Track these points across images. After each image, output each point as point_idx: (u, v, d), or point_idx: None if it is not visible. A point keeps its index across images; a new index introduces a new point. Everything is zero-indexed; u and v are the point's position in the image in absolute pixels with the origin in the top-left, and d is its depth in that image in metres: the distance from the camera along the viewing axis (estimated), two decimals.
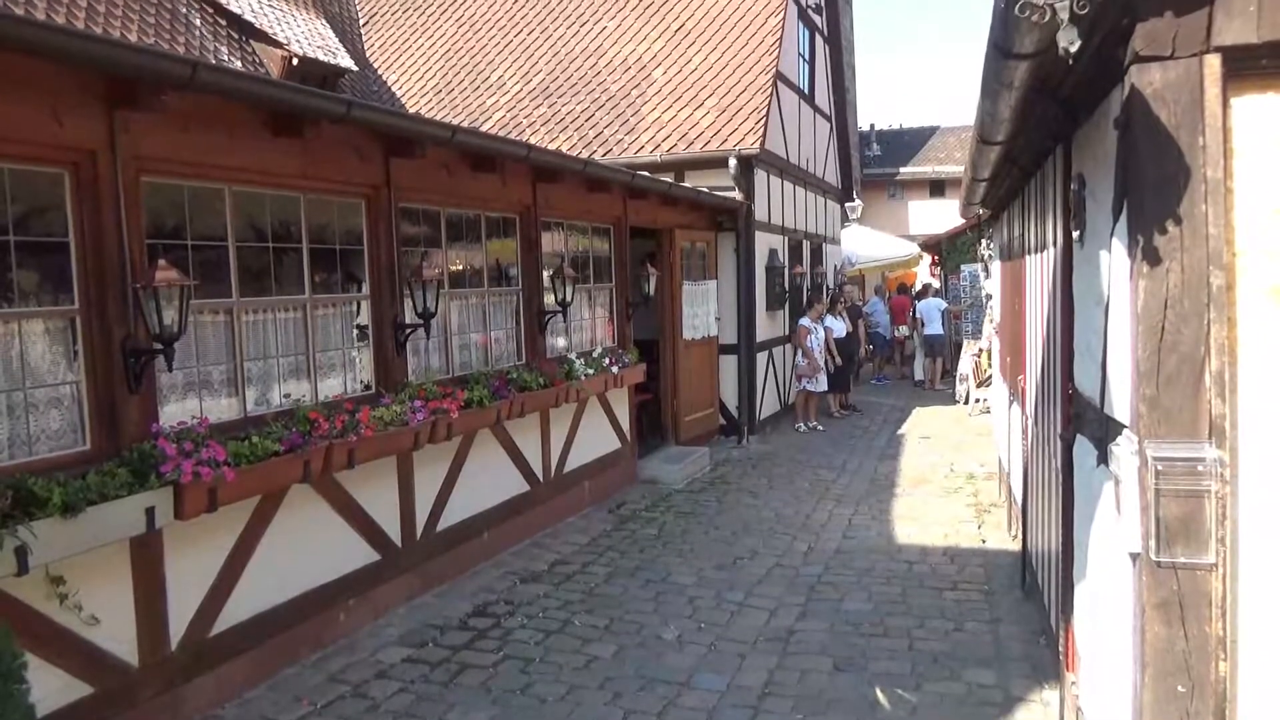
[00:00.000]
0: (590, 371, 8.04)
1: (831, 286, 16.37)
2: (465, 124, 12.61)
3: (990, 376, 11.89)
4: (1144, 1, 2.75)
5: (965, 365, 14.51)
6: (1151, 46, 2.79)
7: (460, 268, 6.93)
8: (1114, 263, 3.21)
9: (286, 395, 5.14)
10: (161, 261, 3.96)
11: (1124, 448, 2.88)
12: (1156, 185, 2.77)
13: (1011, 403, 7.07)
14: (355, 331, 5.76)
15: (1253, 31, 2.74)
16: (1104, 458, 3.32)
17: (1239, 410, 2.72)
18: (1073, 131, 4.23)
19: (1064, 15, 2.30)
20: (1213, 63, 2.77)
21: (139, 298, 3.94)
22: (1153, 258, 2.74)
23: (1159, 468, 2.65)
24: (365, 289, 5.76)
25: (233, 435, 4.43)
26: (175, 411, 4.40)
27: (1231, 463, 2.69)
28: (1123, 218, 3.00)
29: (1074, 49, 2.36)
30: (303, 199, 5.26)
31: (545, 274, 7.75)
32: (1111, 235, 3.19)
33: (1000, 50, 2.94)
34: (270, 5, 12.16)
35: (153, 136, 4.21)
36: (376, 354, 5.81)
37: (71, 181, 3.93)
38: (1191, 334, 2.71)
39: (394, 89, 13.88)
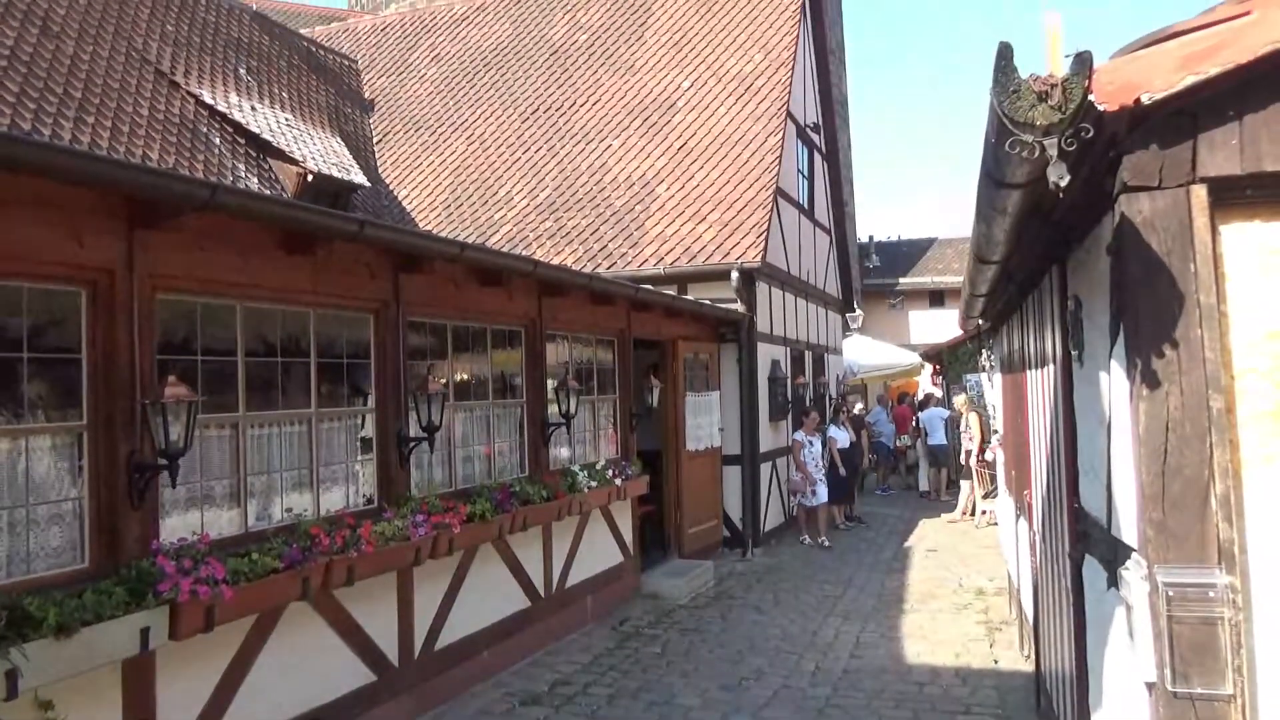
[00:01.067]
0: (594, 484, 7.99)
1: (834, 396, 16.42)
2: (473, 238, 12.92)
3: (996, 488, 11.80)
4: (1130, 136, 2.86)
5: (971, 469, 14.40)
6: (1139, 178, 2.88)
7: (466, 379, 6.99)
8: (1113, 384, 3.24)
9: (288, 509, 5.11)
10: (171, 377, 4.00)
11: (1133, 572, 2.85)
12: (1151, 310, 2.83)
13: (1018, 517, 7.00)
14: (359, 444, 5.76)
15: (1236, 164, 2.85)
16: (1114, 580, 3.28)
17: (1246, 534, 2.70)
18: (1067, 253, 4.33)
19: (1052, 151, 2.39)
20: (1199, 193, 2.87)
21: (147, 413, 3.97)
22: (1151, 381, 2.77)
23: (1170, 594, 2.61)
24: (371, 402, 5.80)
25: (233, 551, 4.39)
26: (176, 526, 4.38)
27: (1243, 588, 2.65)
28: (1120, 340, 3.04)
29: (1064, 183, 2.44)
30: (312, 314, 5.35)
31: (550, 384, 7.80)
32: (1110, 357, 3.23)
33: (992, 180, 3.05)
34: (288, 125, 12.62)
35: (169, 255, 4.32)
36: (380, 467, 5.80)
37: (88, 299, 4.01)
38: (1194, 457, 2.72)
39: (404, 204, 14.26)
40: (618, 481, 8.46)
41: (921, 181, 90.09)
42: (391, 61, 17.61)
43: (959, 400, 16.02)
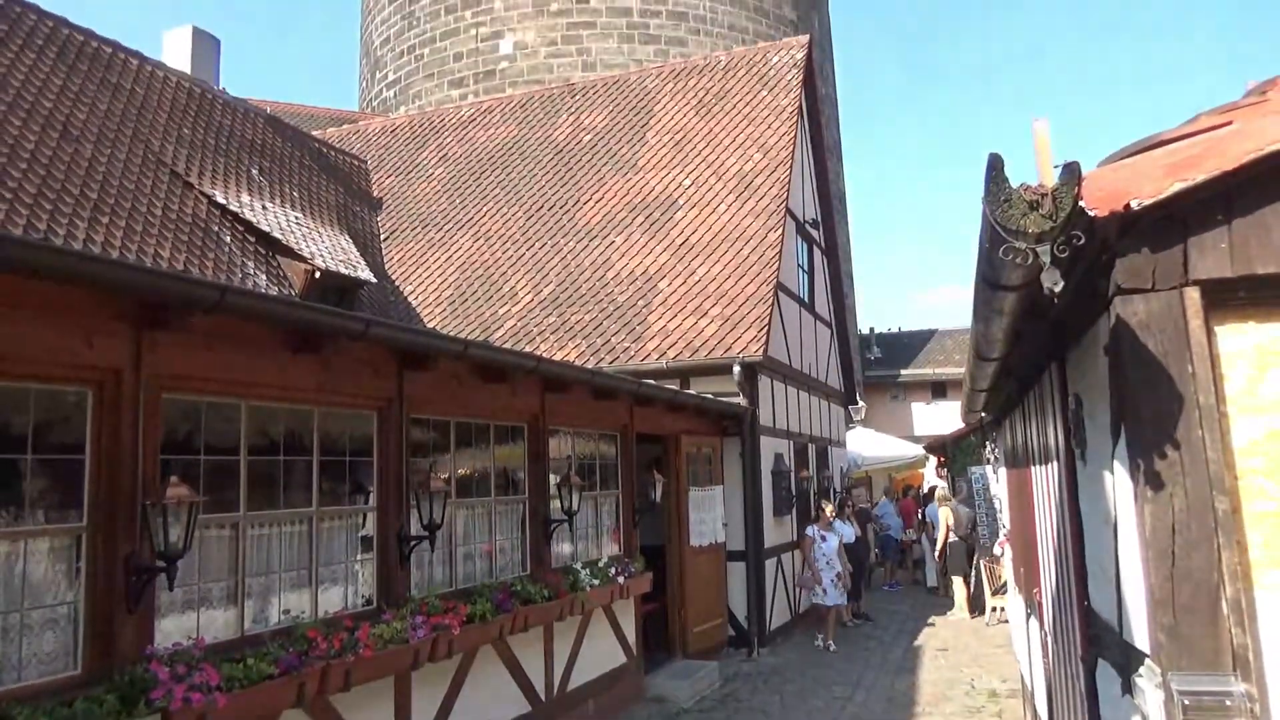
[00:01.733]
0: (596, 582, 7.88)
1: (838, 490, 16.29)
2: (478, 334, 13.03)
3: (1005, 584, 11.60)
4: (1121, 240, 2.93)
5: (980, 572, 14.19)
6: (1132, 280, 2.94)
7: (468, 474, 6.96)
8: (1118, 483, 3.23)
9: (286, 611, 5.02)
10: (173, 478, 4.00)
11: (1147, 680, 2.79)
12: (1151, 411, 2.84)
13: (1029, 615, 6.87)
14: (359, 543, 5.71)
15: (1227, 266, 2.90)
16: (1128, 687, 3.20)
17: (1260, 639, 2.66)
18: (1066, 351, 4.36)
19: (1045, 258, 2.45)
20: (1193, 295, 2.91)
21: (147, 514, 3.95)
22: (1155, 482, 2.76)
23: (1185, 702, 2.55)
24: (372, 500, 5.77)
25: (228, 655, 4.31)
26: (171, 629, 4.30)
27: (1260, 696, 2.59)
28: (1121, 440, 3.05)
29: (1058, 289, 2.49)
30: (316, 412, 5.37)
31: (552, 480, 7.76)
32: (1112, 456, 3.23)
33: (988, 283, 3.10)
34: (297, 223, 12.89)
35: (177, 355, 4.37)
36: (380, 566, 5.73)
37: (94, 400, 4.04)
38: (1203, 560, 2.69)
39: (410, 300, 14.44)
40: (620, 580, 8.33)
41: (921, 273, 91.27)
42: (400, 161, 18.09)
43: (939, 492, 15.88)
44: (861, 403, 21.37)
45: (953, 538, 14.42)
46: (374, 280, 13.25)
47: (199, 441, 4.64)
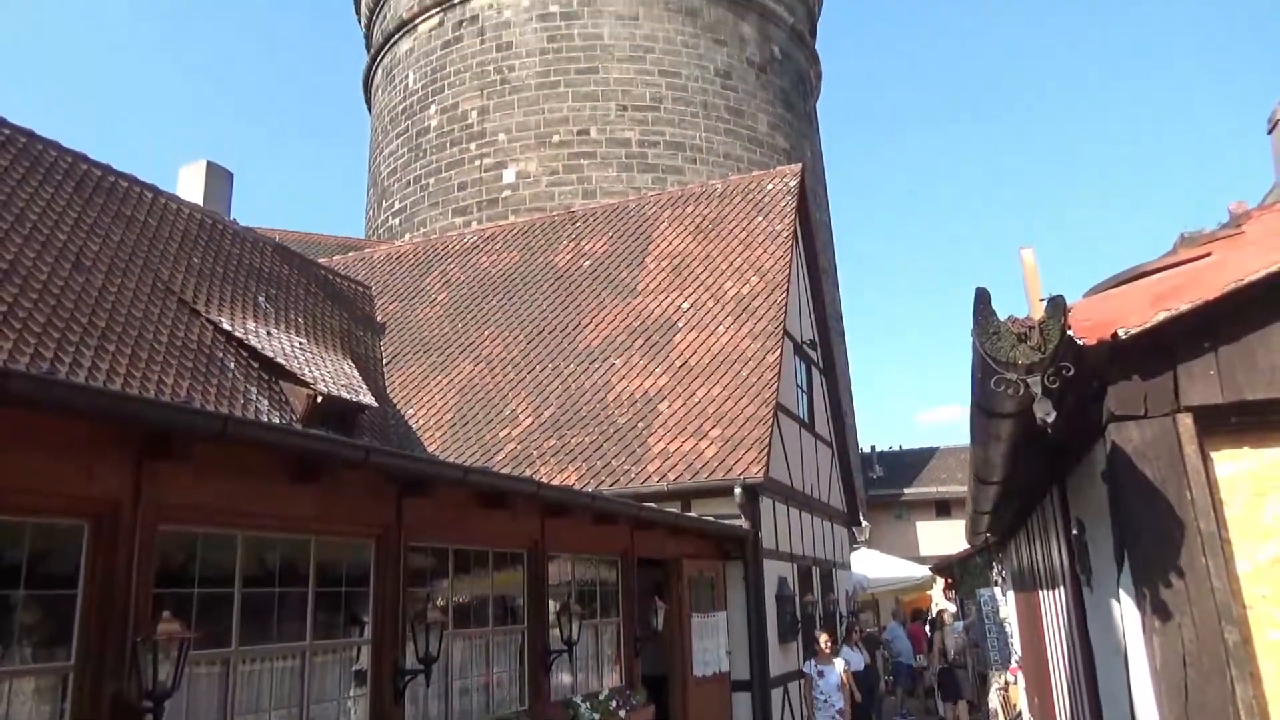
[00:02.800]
0: (597, 716, 7.62)
1: (845, 614, 15.91)
2: (478, 457, 13.01)
3: (1020, 713, 11.19)
4: (1111, 368, 2.98)
5: (993, 699, 13.71)
6: (1125, 407, 2.97)
7: (465, 603, 6.82)
8: (1125, 612, 3.18)
9: None
10: (166, 613, 3.93)
11: None
12: (1152, 539, 2.83)
13: None
14: (353, 677, 5.55)
15: (1217, 393, 2.94)
16: None
17: None
18: (1066, 474, 4.36)
19: (1037, 390, 2.49)
20: (1186, 421, 2.95)
21: (137, 651, 3.86)
22: (1162, 613, 2.73)
23: None
24: (367, 632, 5.64)
25: None
26: None
27: None
28: (1126, 567, 3.02)
29: (1050, 419, 2.53)
30: (314, 541, 5.32)
31: (552, 608, 7.60)
32: (1118, 584, 3.19)
33: (983, 410, 3.14)
34: (301, 348, 13.05)
35: (176, 485, 4.36)
36: (374, 703, 5.56)
37: (91, 533, 4.01)
38: (1216, 694, 2.63)
39: (411, 423, 14.47)
40: (622, 713, 8.07)
41: (921, 392, 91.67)
42: (404, 287, 18.44)
43: (946, 616, 15.50)
44: (865, 523, 21.12)
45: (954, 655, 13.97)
46: (375, 404, 13.31)
47: (193, 572, 4.58)
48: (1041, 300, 2.72)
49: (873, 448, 33.02)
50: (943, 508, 30.34)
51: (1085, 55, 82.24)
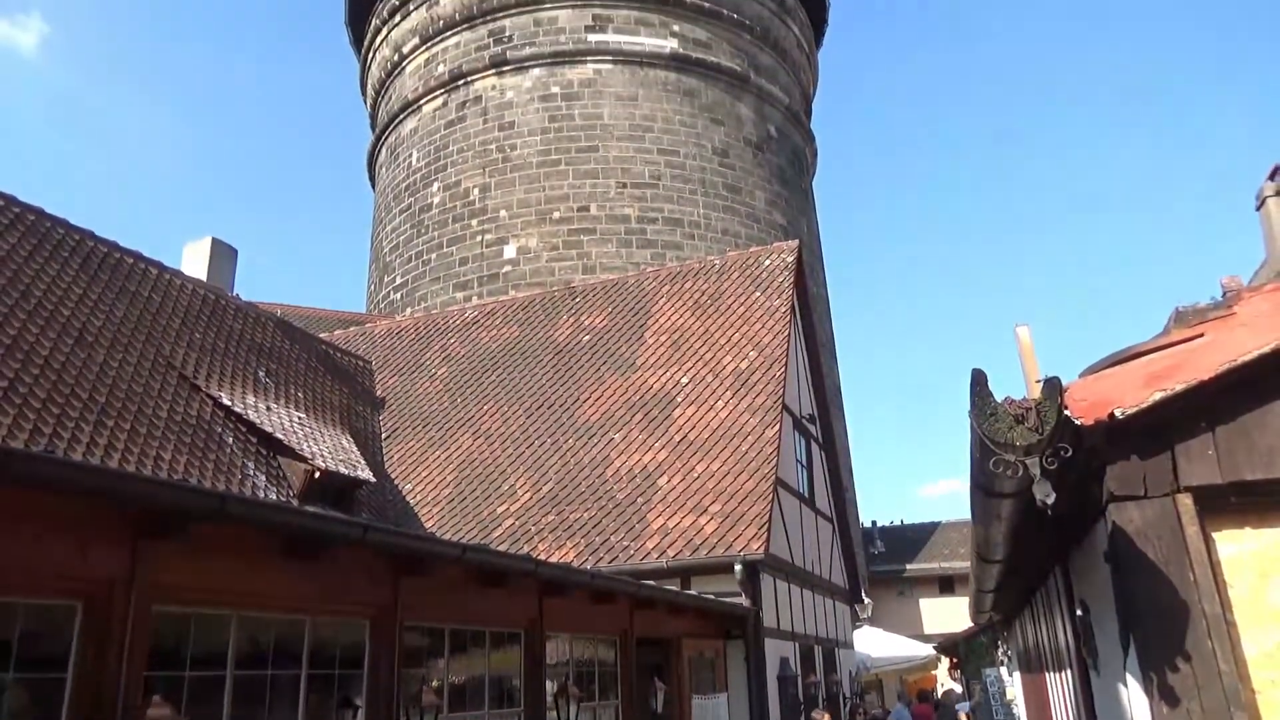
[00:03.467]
0: None
1: (849, 695, 15.57)
2: (476, 534, 12.89)
3: None
4: (1109, 448, 2.99)
5: None
6: (1124, 487, 2.98)
7: (461, 683, 6.68)
8: (1132, 697, 3.13)
9: None
10: (156, 698, 3.86)
11: None
12: (1157, 621, 2.80)
13: None
14: None
15: (1216, 473, 2.95)
16: None
17: None
18: (1069, 552, 4.33)
19: (1035, 471, 2.50)
20: (1186, 502, 2.95)
21: None
22: (1169, 698, 2.69)
23: None
24: (361, 717, 5.51)
25: None
26: None
27: None
28: (1131, 651, 2.98)
29: (1050, 500, 2.53)
30: (308, 621, 5.24)
31: (550, 688, 7.44)
32: (1124, 668, 3.15)
33: (983, 490, 3.14)
34: (300, 423, 13.04)
35: (171, 564, 4.31)
36: None
37: (83, 614, 3.95)
38: None
39: (409, 499, 14.38)
40: None
41: (922, 466, 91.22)
42: (404, 362, 18.51)
43: (955, 689, 15.15)
44: (867, 600, 20.81)
45: None
46: (373, 480, 13.24)
47: (185, 654, 4.50)
48: (1038, 381, 2.75)
49: (874, 523, 32.74)
50: (946, 584, 29.93)
51: (1078, 130, 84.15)
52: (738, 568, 11.21)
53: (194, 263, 16.68)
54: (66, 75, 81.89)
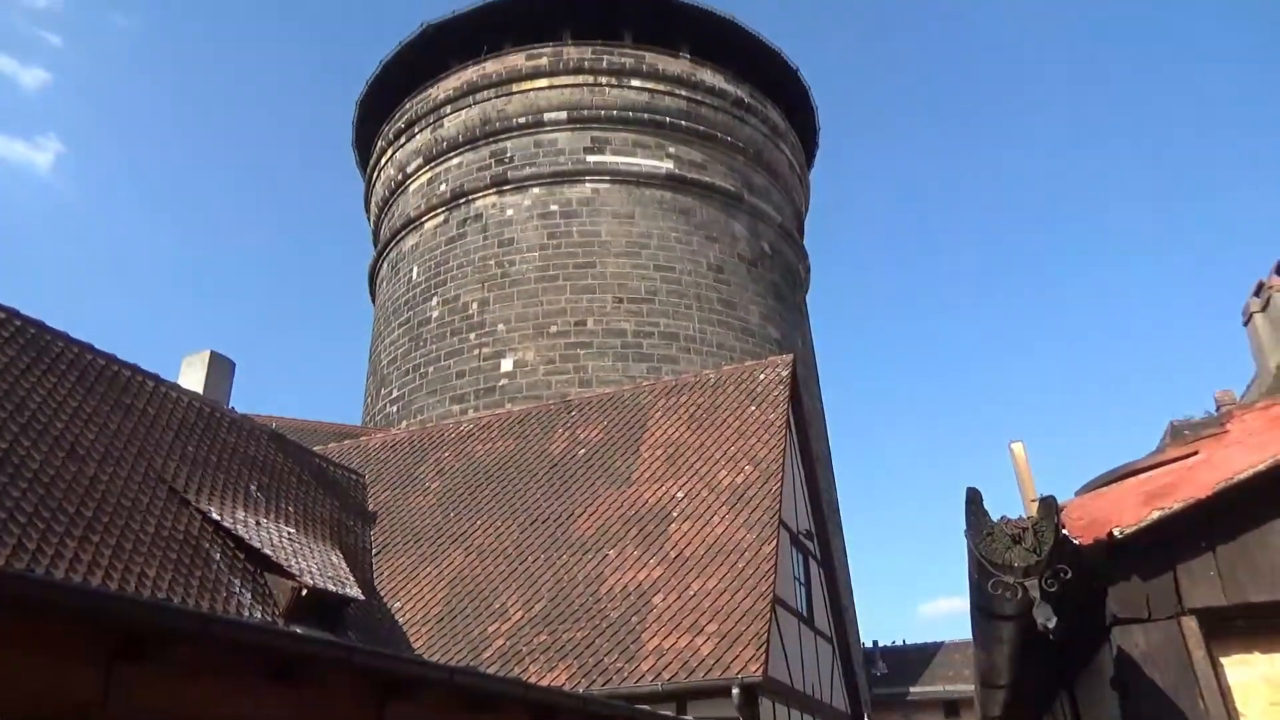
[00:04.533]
0: None
1: None
2: (465, 654, 12.52)
3: None
4: (1110, 568, 2.94)
5: None
6: (1128, 609, 2.91)
7: None
8: None
9: None
10: None
11: None
12: None
13: None
14: None
15: (1220, 595, 2.89)
16: None
17: None
18: (1075, 676, 4.20)
19: (1035, 593, 2.45)
20: (1191, 625, 2.88)
21: None
22: None
23: None
24: None
25: None
26: None
27: None
28: None
29: (1051, 624, 2.47)
30: None
31: None
32: None
33: (984, 612, 3.07)
34: (289, 539, 12.83)
35: (149, 687, 4.16)
36: None
37: None
38: None
39: (399, 616, 14.02)
40: None
41: (923, 583, 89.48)
42: (397, 475, 18.36)
43: None
44: None
45: None
46: (361, 598, 12.94)
47: None
48: (1034, 500, 2.73)
49: (875, 643, 31.86)
50: (951, 708, 28.90)
51: (1069, 243, 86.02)
52: (735, 691, 10.86)
53: (192, 375, 16.74)
54: (77, 192, 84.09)
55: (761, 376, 17.08)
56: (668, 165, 29.41)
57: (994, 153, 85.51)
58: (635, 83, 29.96)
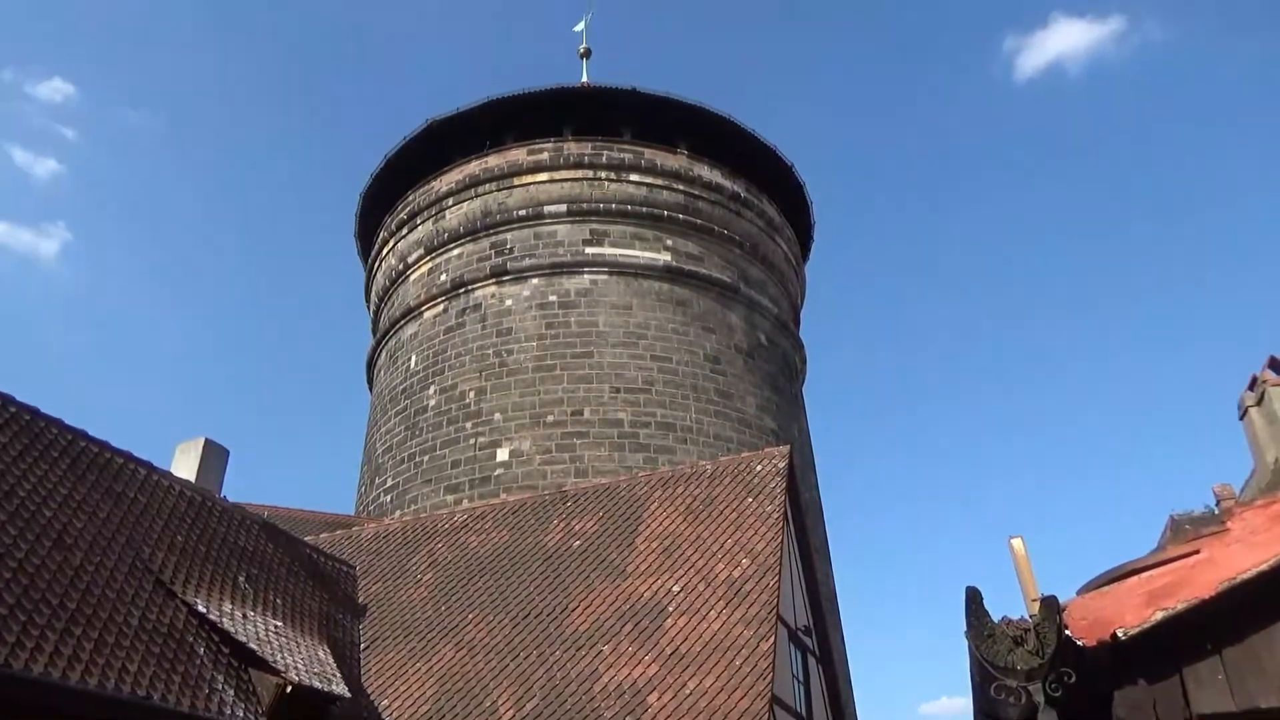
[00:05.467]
0: None
1: None
2: None
3: None
4: (1115, 671, 2.87)
5: None
6: (1135, 715, 2.83)
7: None
8: None
9: None
10: None
11: None
12: None
13: None
14: None
15: (1228, 699, 2.81)
16: None
17: None
18: None
19: (1039, 698, 2.39)
20: None
21: None
22: None
23: None
24: None
25: None
26: None
27: None
28: None
29: None
30: None
31: None
32: None
33: (988, 717, 2.98)
34: (276, 633, 12.52)
35: None
36: None
37: None
38: None
39: (385, 714, 13.57)
40: None
41: (924, 680, 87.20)
42: (389, 566, 18.04)
43: None
44: None
45: None
46: (347, 695, 12.56)
47: None
48: (1035, 600, 2.68)
49: None
50: None
51: (1067, 333, 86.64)
52: None
53: (185, 463, 16.61)
54: (81, 279, 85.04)
55: (758, 468, 16.97)
56: (665, 257, 29.85)
57: (993, 242, 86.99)
58: (634, 177, 30.67)
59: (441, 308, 30.58)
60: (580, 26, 37.57)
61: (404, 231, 33.07)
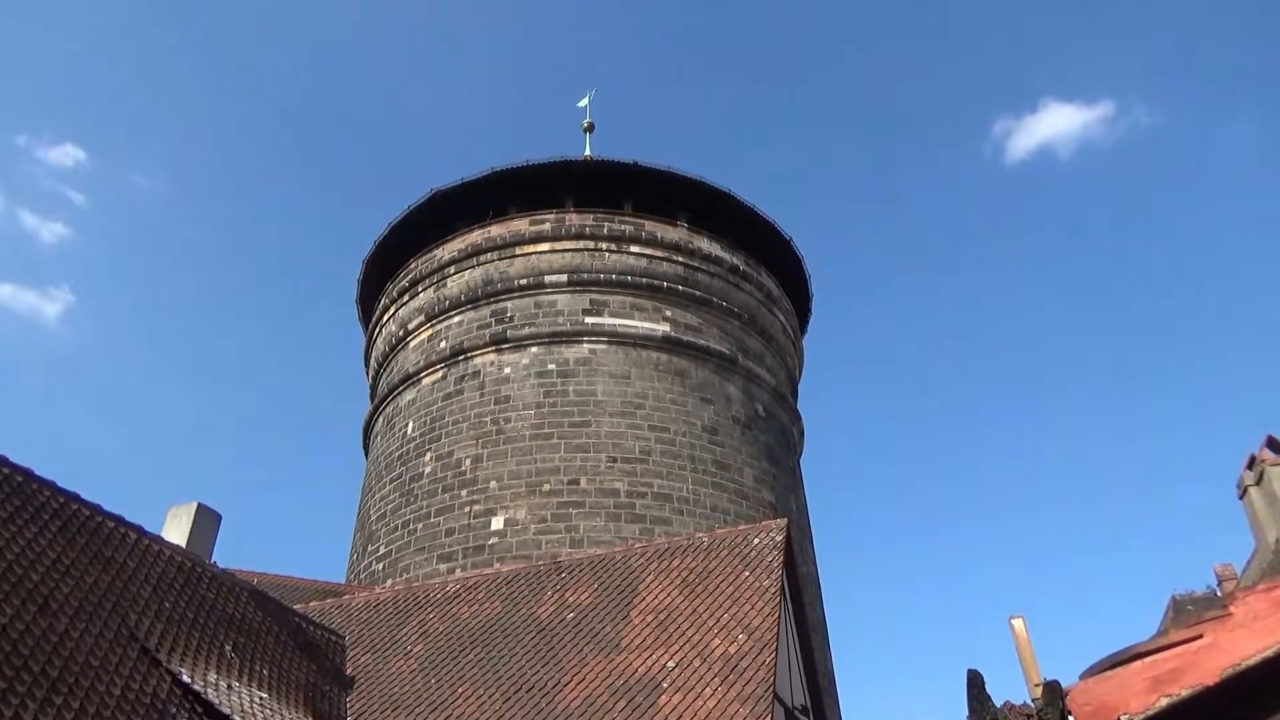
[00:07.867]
0: None
1: None
2: None
3: None
4: None
5: None
6: None
7: None
8: None
9: None
10: None
11: None
12: None
13: None
14: None
15: None
16: None
17: None
18: None
19: None
20: None
21: None
22: None
23: None
24: None
25: None
26: None
27: None
28: None
29: None
30: None
31: None
32: None
33: None
34: (260, 704, 12.24)
35: None
36: None
37: None
38: None
39: None
40: None
41: None
42: (379, 637, 17.71)
43: None
44: None
45: None
46: None
47: None
48: (1038, 684, 2.64)
49: None
50: None
51: (1060, 416, 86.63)
52: None
53: (177, 527, 16.44)
54: (82, 341, 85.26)
55: (755, 541, 16.80)
56: (664, 328, 30.03)
57: (990, 322, 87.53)
58: (634, 248, 31.03)
59: (440, 374, 30.62)
60: (584, 102, 38.43)
61: (405, 298, 33.31)
